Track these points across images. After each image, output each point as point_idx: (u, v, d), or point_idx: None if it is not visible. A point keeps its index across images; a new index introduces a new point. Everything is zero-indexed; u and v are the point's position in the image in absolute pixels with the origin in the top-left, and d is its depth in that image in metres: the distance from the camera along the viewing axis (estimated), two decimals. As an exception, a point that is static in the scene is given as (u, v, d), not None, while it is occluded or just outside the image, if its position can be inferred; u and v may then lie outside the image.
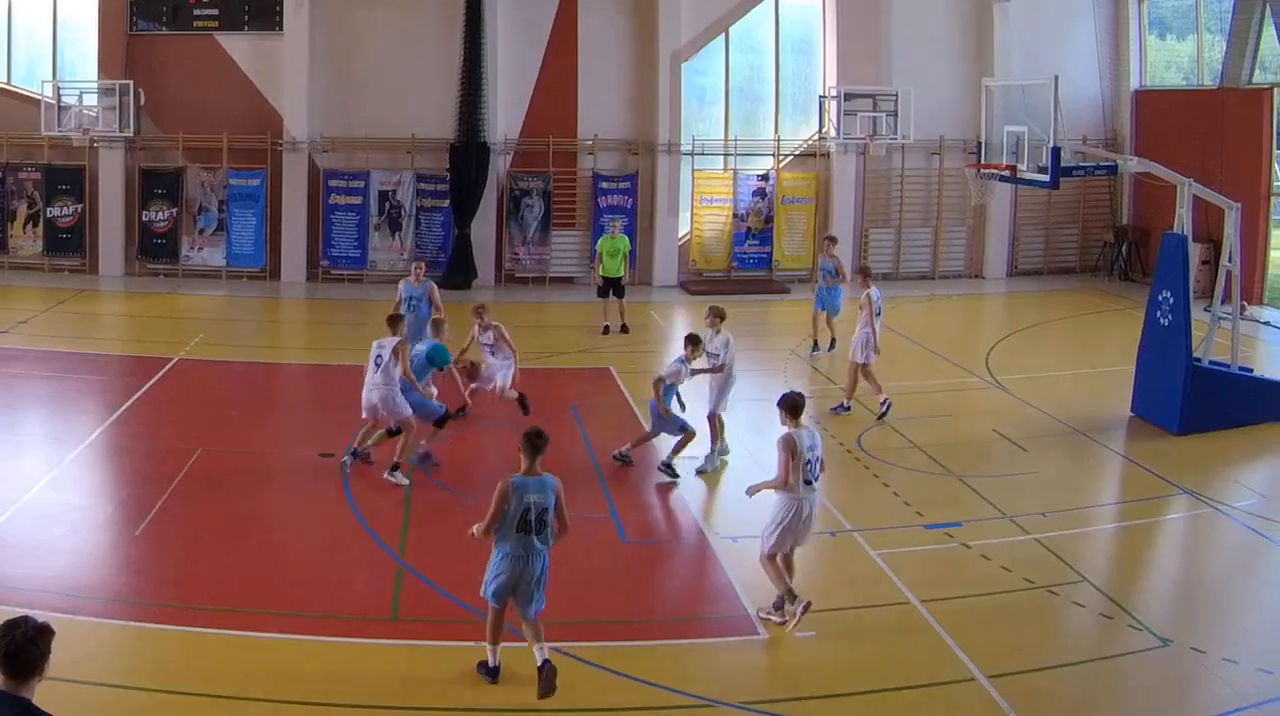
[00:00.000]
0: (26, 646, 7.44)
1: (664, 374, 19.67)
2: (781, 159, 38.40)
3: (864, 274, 24.54)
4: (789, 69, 39.08)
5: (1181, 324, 22.22)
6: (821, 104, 37.50)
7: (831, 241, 29.76)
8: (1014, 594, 15.36)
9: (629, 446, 20.16)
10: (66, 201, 36.51)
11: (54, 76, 36.19)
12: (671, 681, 12.90)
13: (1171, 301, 22.44)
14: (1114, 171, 27.88)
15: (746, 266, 38.12)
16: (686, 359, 19.62)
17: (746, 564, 15.60)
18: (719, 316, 20.49)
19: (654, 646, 13.95)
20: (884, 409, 23.04)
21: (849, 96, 36.33)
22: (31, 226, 36.63)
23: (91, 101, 35.24)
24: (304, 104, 36.30)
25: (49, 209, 36.50)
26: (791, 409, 14.51)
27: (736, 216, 38.00)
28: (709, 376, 20.35)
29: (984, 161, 26.78)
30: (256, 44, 36.70)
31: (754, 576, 15.16)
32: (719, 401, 20.41)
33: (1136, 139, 38.41)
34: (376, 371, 19.27)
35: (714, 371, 20.23)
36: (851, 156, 37.94)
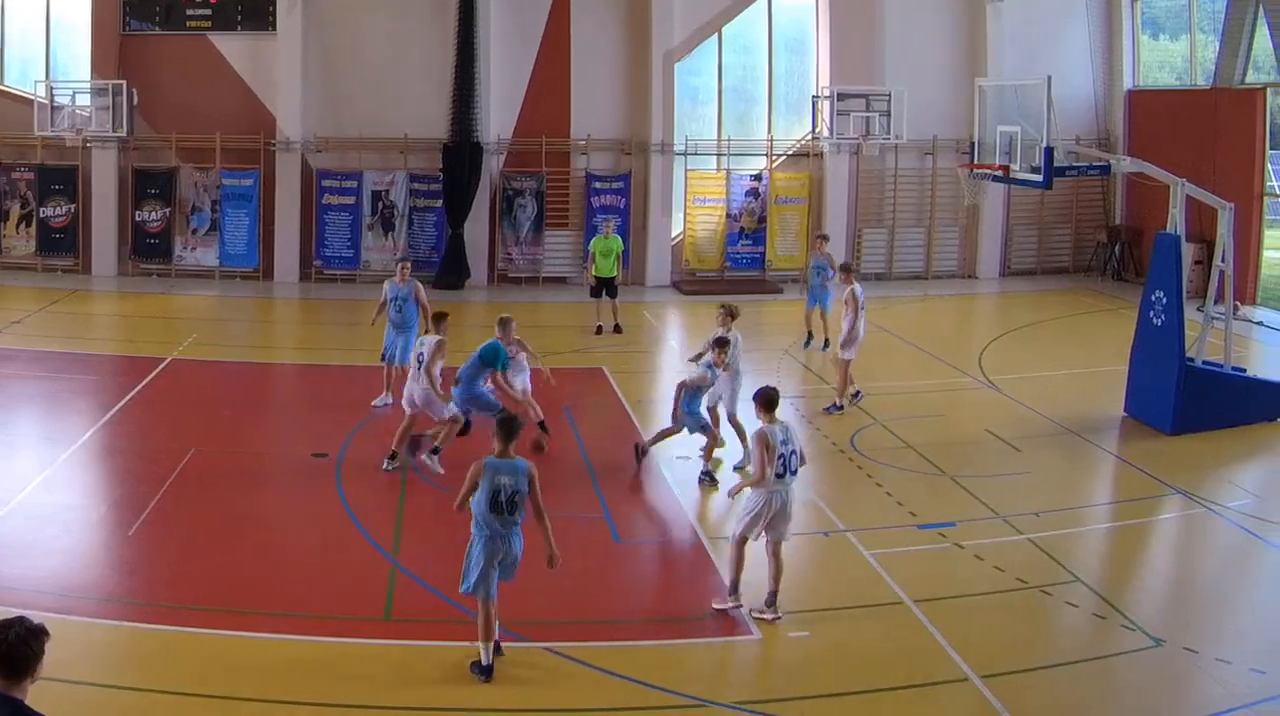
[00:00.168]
0: (19, 647, 7.43)
1: (688, 379, 19.36)
2: (774, 159, 38.43)
3: (846, 271, 24.68)
4: (782, 69, 39.08)
5: (1174, 324, 22.24)
6: (814, 104, 37.45)
7: (824, 239, 30.57)
8: (1007, 594, 15.37)
9: (649, 441, 20.03)
10: (59, 201, 36.46)
11: (47, 76, 36.13)
12: (665, 681, 12.89)
13: (1164, 301, 22.46)
14: (1107, 171, 27.89)
15: (739, 266, 38.13)
16: (715, 364, 19.22)
17: (746, 567, 15.63)
18: (731, 314, 20.42)
19: (647, 646, 13.94)
20: (855, 399, 23.55)
21: (842, 96, 36.27)
22: (24, 226, 36.58)
23: (85, 101, 35.22)
24: (297, 104, 36.28)
25: (42, 209, 36.44)
26: (766, 404, 14.75)
27: (729, 216, 38.02)
28: (721, 380, 20.16)
29: (977, 161, 26.77)
30: (249, 44, 36.66)
31: (747, 576, 15.18)
32: (733, 402, 20.36)
33: (1129, 139, 38.42)
34: (419, 369, 19.55)
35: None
36: (844, 156, 37.95)
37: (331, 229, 36.71)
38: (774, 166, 38.38)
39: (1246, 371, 24.03)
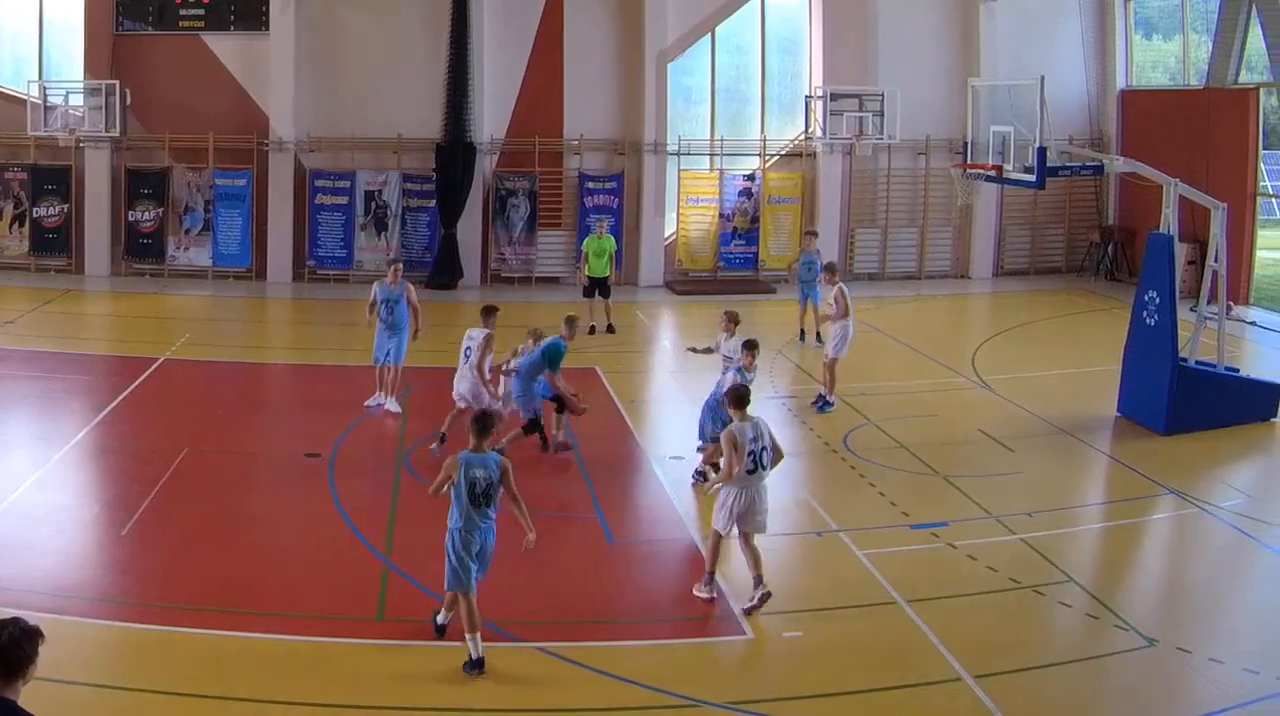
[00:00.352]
0: (13, 648, 7.43)
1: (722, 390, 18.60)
2: (767, 159, 38.42)
3: (831, 271, 24.77)
4: (775, 69, 39.06)
5: (1167, 324, 22.25)
6: (807, 104, 37.53)
7: (813, 235, 31.36)
8: (1000, 594, 15.37)
9: (703, 463, 19.32)
10: (52, 201, 36.41)
11: (40, 76, 36.12)
12: (658, 681, 12.89)
13: (1157, 301, 22.47)
14: (1100, 171, 27.94)
15: (732, 266, 38.13)
16: (745, 367, 18.82)
17: (733, 564, 15.62)
18: (734, 321, 20.43)
19: (640, 646, 13.97)
20: (826, 404, 23.49)
21: (835, 96, 36.31)
22: (17, 226, 36.52)
23: (78, 101, 35.15)
24: (290, 104, 36.24)
25: (35, 209, 36.39)
26: (736, 401, 15.01)
27: (722, 216, 38.01)
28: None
29: (970, 161, 26.81)
30: (242, 44, 36.63)
31: (740, 576, 15.20)
32: None
33: (1122, 139, 38.46)
34: (465, 362, 19.85)
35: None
36: (837, 156, 37.95)
37: (324, 229, 36.69)
38: (767, 166, 38.37)
39: (1240, 371, 24.06)
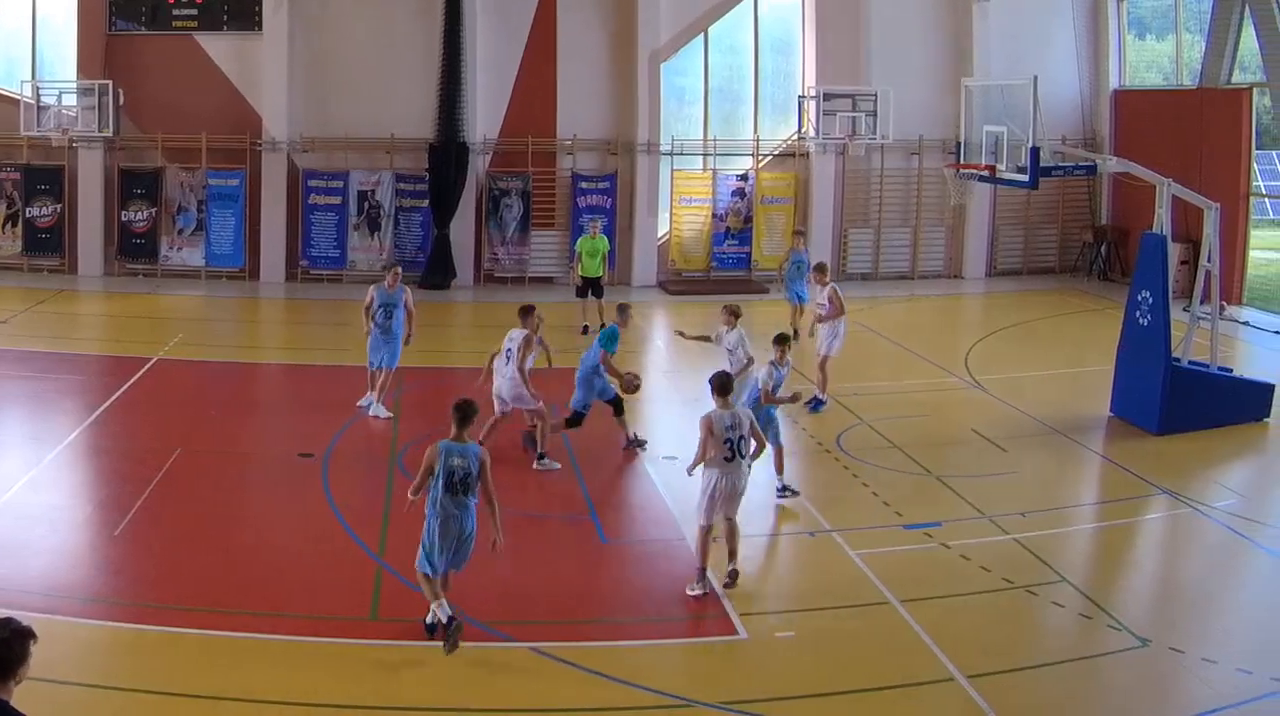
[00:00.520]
0: (4, 648, 7.45)
1: (764, 384, 18.40)
2: (760, 159, 38.42)
3: (822, 271, 24.86)
4: (768, 69, 39.07)
5: (1160, 324, 22.28)
6: (800, 104, 37.49)
7: (801, 235, 32.37)
8: (993, 594, 15.39)
9: (781, 480, 18.82)
10: (45, 201, 36.35)
11: (33, 76, 36.02)
12: (651, 681, 12.91)
13: (1150, 301, 22.49)
14: (1093, 171, 28.00)
15: (725, 266, 38.13)
16: (778, 362, 18.60)
17: (726, 564, 15.64)
18: (735, 314, 20.76)
19: (634, 646, 13.99)
20: (818, 403, 23.53)
21: (828, 96, 36.32)
22: (10, 226, 36.44)
23: (71, 101, 35.11)
24: (283, 104, 36.20)
25: (28, 209, 36.32)
26: (719, 388, 15.31)
27: (715, 216, 38.01)
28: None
29: (963, 161, 26.86)
30: (236, 44, 36.56)
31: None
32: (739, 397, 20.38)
33: (1115, 139, 38.48)
34: (507, 363, 19.88)
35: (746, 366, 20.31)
36: (831, 156, 37.97)
37: (317, 229, 36.65)
38: (760, 166, 38.38)
39: (1232, 371, 24.08)
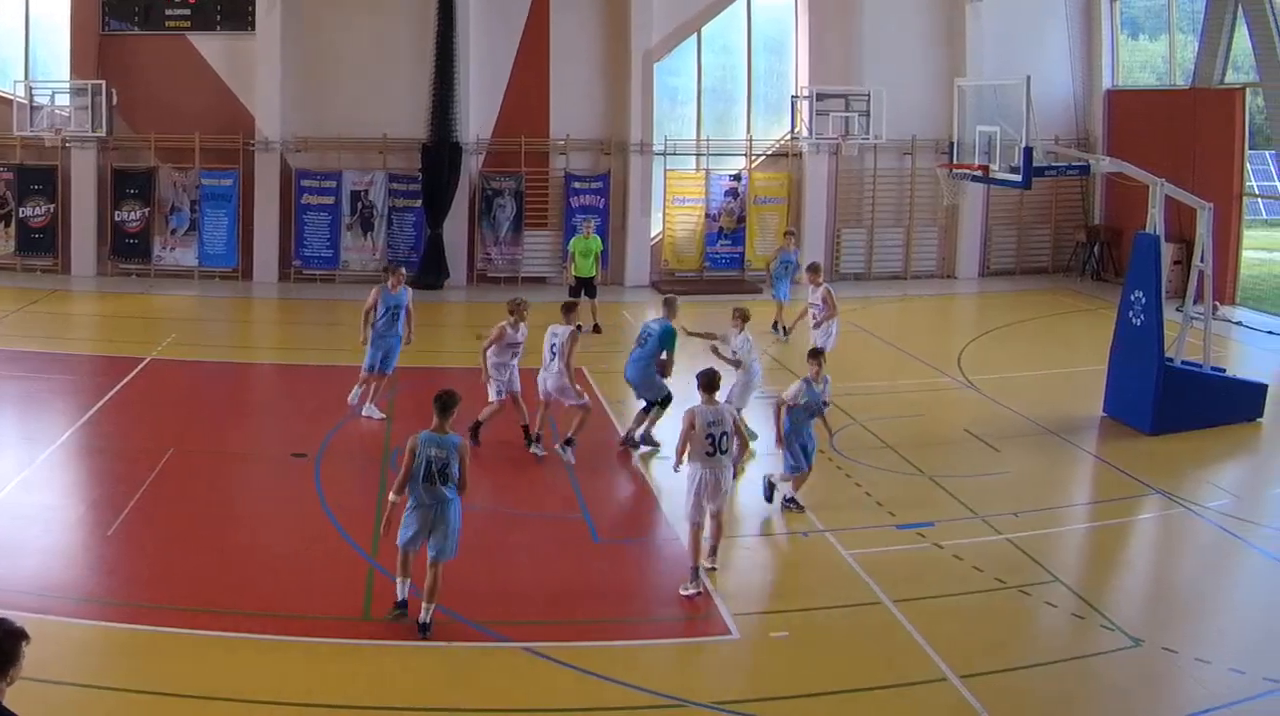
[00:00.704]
0: (-5, 649, 7.43)
1: (785, 397, 18.18)
2: (753, 159, 38.42)
3: (815, 271, 24.92)
4: (761, 69, 39.06)
5: (1154, 324, 22.28)
6: (793, 104, 37.54)
7: (792, 235, 32.69)
8: (986, 594, 15.39)
9: (791, 491, 18.35)
10: (39, 201, 36.31)
11: (26, 76, 36.03)
12: (644, 681, 12.91)
13: (1144, 301, 22.50)
14: (1086, 171, 27.98)
15: (718, 266, 38.10)
16: (813, 379, 18.00)
17: (719, 563, 15.65)
18: (744, 318, 21.00)
19: (627, 646, 13.98)
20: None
21: (821, 96, 36.37)
22: (3, 226, 36.39)
23: (64, 101, 35.08)
24: (276, 104, 36.17)
25: (21, 209, 36.28)
26: (705, 386, 15.54)
27: (708, 216, 38.00)
28: (733, 376, 20.58)
29: (956, 161, 26.80)
30: (228, 44, 36.53)
31: (726, 576, 15.23)
32: (742, 399, 20.65)
33: (1109, 139, 38.52)
34: (552, 359, 20.11)
35: (734, 364, 20.64)
36: (824, 156, 37.97)
37: (310, 229, 36.63)
38: (753, 166, 38.37)
39: (1225, 371, 24.11)
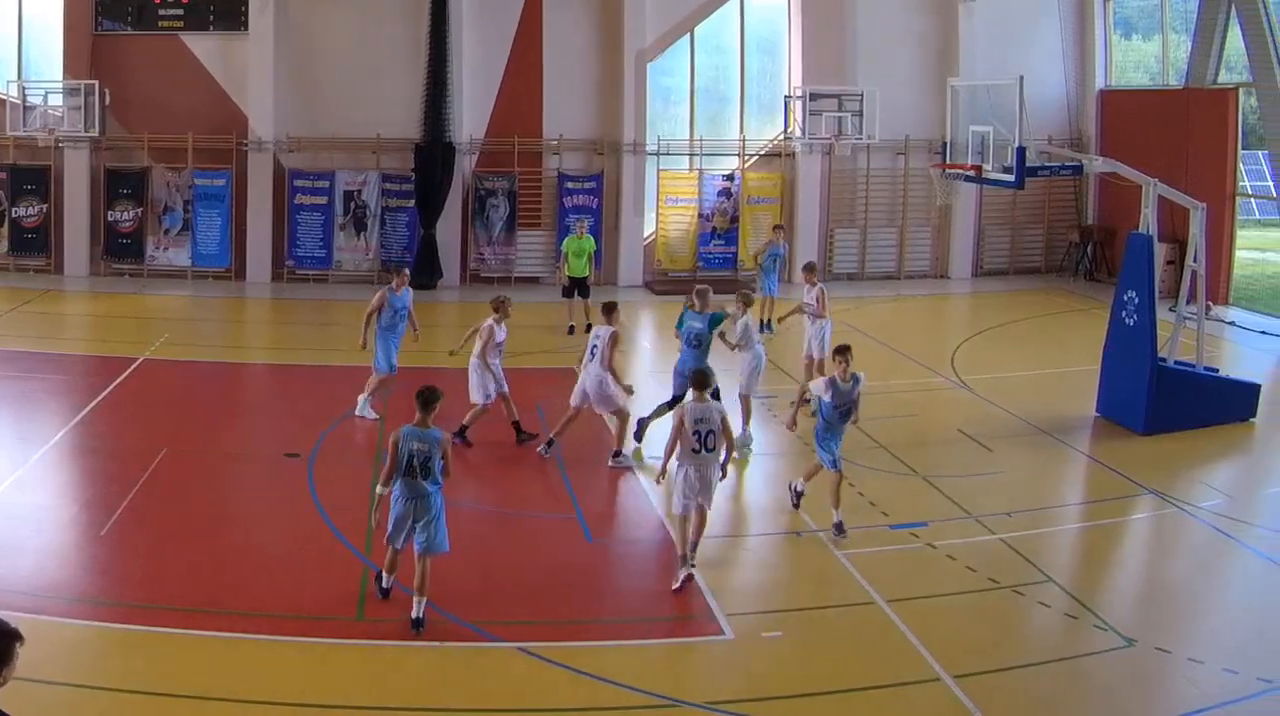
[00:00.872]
0: (-10, 649, 7.43)
1: (808, 392, 18.28)
2: (747, 159, 38.39)
3: (811, 270, 24.93)
4: (754, 69, 39.04)
5: (1147, 324, 22.29)
6: (787, 104, 37.54)
7: (780, 229, 32.86)
8: (979, 594, 15.40)
9: (801, 482, 18.35)
10: (31, 201, 36.23)
11: (19, 76, 35.91)
12: (638, 681, 12.91)
13: (1137, 301, 22.51)
14: (1079, 171, 27.99)
15: (712, 266, 38.02)
16: (840, 378, 17.55)
17: (712, 563, 15.66)
18: (746, 303, 21.68)
19: (620, 646, 13.98)
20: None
21: (814, 96, 36.37)
22: (-5, 226, 36.44)
23: (57, 101, 35.00)
24: (269, 104, 36.10)
25: (14, 209, 36.18)
26: (697, 383, 15.82)
27: (702, 216, 37.98)
28: (740, 359, 21.37)
29: (949, 161, 26.85)
30: (222, 44, 36.47)
31: (720, 576, 15.23)
32: (750, 383, 21.26)
33: (1102, 139, 38.54)
34: (592, 360, 20.06)
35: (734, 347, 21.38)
36: (817, 156, 37.97)
37: (304, 229, 36.57)
38: (746, 166, 38.35)
39: (1219, 371, 24.13)
